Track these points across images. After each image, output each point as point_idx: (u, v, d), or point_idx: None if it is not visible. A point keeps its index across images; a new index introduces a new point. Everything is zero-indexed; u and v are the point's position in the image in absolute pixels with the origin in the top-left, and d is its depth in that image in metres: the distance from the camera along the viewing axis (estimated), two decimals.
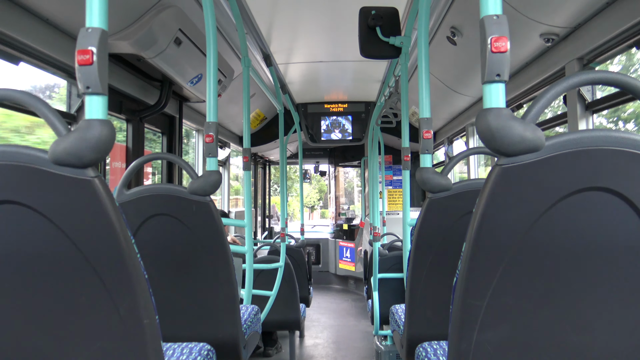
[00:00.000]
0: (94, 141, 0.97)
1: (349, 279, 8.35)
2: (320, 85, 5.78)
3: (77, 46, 0.98)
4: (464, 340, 1.04)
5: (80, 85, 0.99)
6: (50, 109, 1.01)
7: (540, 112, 0.97)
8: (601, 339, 1.01)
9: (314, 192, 23.92)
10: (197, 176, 1.88)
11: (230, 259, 1.91)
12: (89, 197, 0.99)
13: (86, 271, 1.03)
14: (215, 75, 2.12)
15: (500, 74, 0.96)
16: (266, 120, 6.73)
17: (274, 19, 3.56)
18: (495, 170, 0.96)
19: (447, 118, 5.37)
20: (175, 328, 1.92)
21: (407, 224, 2.76)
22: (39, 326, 1.07)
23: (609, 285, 0.99)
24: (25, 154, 0.99)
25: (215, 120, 2.06)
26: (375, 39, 2.60)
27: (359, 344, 5.09)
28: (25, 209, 1.00)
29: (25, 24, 2.24)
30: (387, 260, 4.05)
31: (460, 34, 3.22)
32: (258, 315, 2.50)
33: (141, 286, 1.06)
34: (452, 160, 2.04)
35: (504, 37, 0.95)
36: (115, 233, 1.01)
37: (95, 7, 1.01)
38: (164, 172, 4.20)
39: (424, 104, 1.99)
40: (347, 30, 3.70)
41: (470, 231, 1.00)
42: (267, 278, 3.91)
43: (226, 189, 6.43)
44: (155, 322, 1.10)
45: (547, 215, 0.97)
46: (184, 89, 3.72)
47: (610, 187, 0.95)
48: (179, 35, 2.95)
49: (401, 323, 2.35)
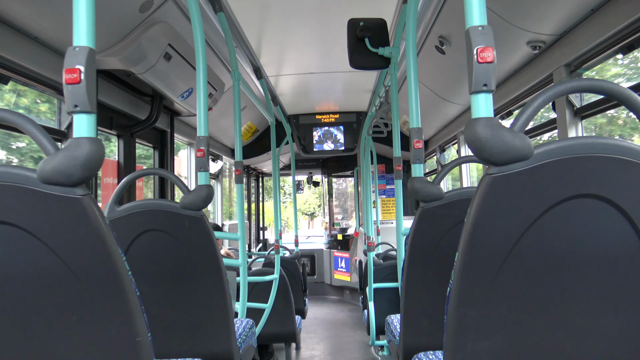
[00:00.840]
0: (82, 159, 0.97)
1: (344, 290, 8.32)
2: (311, 96, 5.80)
3: (64, 65, 0.98)
4: (459, 350, 1.04)
5: (68, 104, 0.99)
6: (38, 128, 1.01)
7: (528, 120, 0.98)
8: (596, 345, 1.01)
9: (313, 197, 23.55)
10: (189, 191, 1.88)
11: (224, 273, 1.91)
12: (79, 216, 0.98)
13: (77, 290, 1.02)
14: (206, 89, 2.13)
15: (487, 83, 0.97)
16: (258, 133, 6.74)
17: (263, 32, 3.58)
18: (485, 179, 0.97)
19: (439, 126, 5.40)
20: (169, 344, 1.90)
21: (400, 234, 2.76)
22: (29, 346, 1.06)
23: (602, 292, 1.00)
24: (14, 174, 0.98)
25: (206, 135, 2.06)
26: (365, 50, 2.62)
27: (355, 355, 5.06)
28: (15, 228, 0.99)
29: (13, 43, 2.24)
30: (382, 269, 4.04)
31: (448, 43, 3.25)
32: (253, 329, 2.49)
33: (133, 304, 1.05)
34: (443, 169, 2.04)
35: (489, 47, 0.96)
36: (106, 251, 1.00)
37: (82, 26, 1.01)
38: (156, 187, 4.18)
39: (414, 114, 2.00)
40: (337, 42, 3.72)
41: (462, 241, 1.01)
42: (262, 291, 3.89)
43: (219, 202, 6.41)
44: (147, 339, 1.09)
45: (538, 224, 0.97)
46: (175, 103, 3.72)
47: (599, 194, 0.96)
48: (168, 50, 2.96)
49: (397, 333, 2.34)
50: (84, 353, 1.05)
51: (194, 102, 3.80)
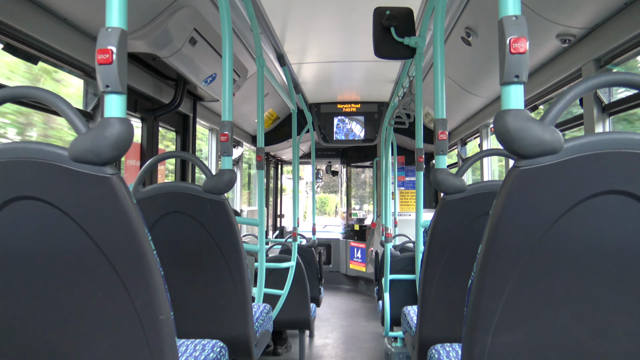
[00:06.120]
0: (112, 139, 0.98)
1: (359, 280, 8.34)
2: (333, 85, 5.78)
3: (97, 45, 0.99)
4: (477, 343, 1.03)
5: (100, 83, 1.00)
6: (70, 107, 1.02)
7: (559, 114, 0.97)
8: (619, 344, 1.00)
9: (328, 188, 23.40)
10: (212, 175, 1.89)
11: (244, 257, 1.92)
12: (107, 194, 1.00)
13: (104, 266, 1.04)
14: (231, 74, 2.13)
15: (519, 75, 0.95)
16: (279, 120, 6.75)
17: (288, 18, 3.57)
18: (513, 172, 0.96)
19: (461, 119, 5.34)
20: (189, 325, 1.94)
21: (420, 225, 2.75)
22: (56, 320, 1.09)
23: (627, 290, 0.98)
24: (46, 151, 1.01)
25: (231, 119, 2.07)
26: (390, 40, 2.59)
27: (368, 345, 5.08)
28: (46, 205, 1.02)
29: (43, 24, 2.27)
30: (399, 261, 4.04)
31: (475, 35, 3.20)
32: (269, 314, 2.51)
33: (158, 282, 1.07)
34: (466, 162, 2.03)
35: (523, 37, 0.94)
36: (133, 229, 1.02)
37: (115, 7, 1.02)
38: (178, 170, 4.23)
39: (440, 105, 1.98)
40: (361, 30, 3.69)
41: (487, 233, 1.00)
42: (278, 277, 3.92)
43: (238, 188, 6.45)
44: (170, 318, 1.11)
45: (564, 219, 0.96)
46: (198, 88, 3.74)
47: (629, 190, 0.94)
48: (194, 34, 2.97)
49: (413, 324, 2.34)
50: (109, 328, 1.08)
51: (216, 88, 3.83)
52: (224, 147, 2.03)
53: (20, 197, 1.02)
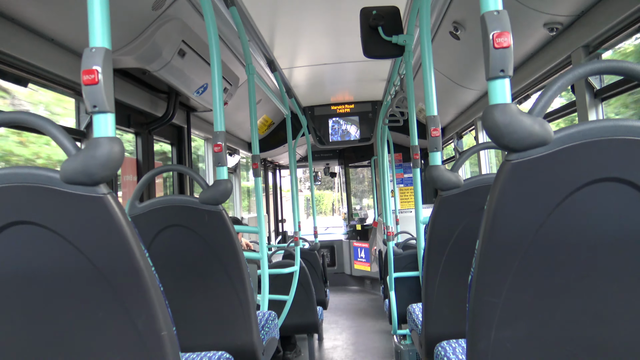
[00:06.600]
0: (103, 159, 0.98)
1: (365, 280, 8.33)
2: (325, 87, 5.78)
3: (82, 66, 0.99)
4: (482, 338, 1.03)
5: (87, 104, 1.00)
6: (59, 129, 1.02)
7: (547, 105, 0.97)
8: (620, 331, 1.00)
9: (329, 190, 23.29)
10: (208, 186, 1.89)
11: (245, 266, 1.92)
12: (101, 214, 1.00)
13: (102, 287, 1.04)
14: (221, 84, 2.13)
15: (504, 69, 0.95)
16: (274, 126, 6.75)
17: (275, 24, 3.57)
18: (504, 166, 0.96)
19: (455, 113, 5.34)
20: (193, 338, 1.93)
21: (420, 222, 2.75)
22: (57, 343, 1.08)
23: (626, 277, 0.98)
24: (37, 175, 1.01)
25: (223, 130, 2.07)
26: (378, 39, 2.59)
27: (378, 344, 5.07)
28: (40, 228, 1.01)
29: (31, 45, 2.27)
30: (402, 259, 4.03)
31: (463, 29, 3.20)
32: (275, 321, 2.51)
33: (157, 299, 1.06)
34: (461, 157, 2.02)
35: (505, 32, 0.94)
36: (130, 248, 1.02)
37: (97, 27, 1.02)
38: (175, 183, 4.23)
39: (430, 101, 1.98)
40: (349, 31, 3.69)
41: (483, 228, 1.00)
42: (283, 282, 3.91)
43: (237, 196, 6.45)
44: (173, 334, 1.11)
45: (559, 209, 0.96)
46: (190, 99, 3.74)
47: (622, 177, 0.94)
48: (182, 46, 2.97)
49: (419, 322, 2.34)
50: (112, 348, 1.08)
51: (209, 98, 3.82)
52: (217, 157, 2.03)
53: (15, 223, 1.02)
